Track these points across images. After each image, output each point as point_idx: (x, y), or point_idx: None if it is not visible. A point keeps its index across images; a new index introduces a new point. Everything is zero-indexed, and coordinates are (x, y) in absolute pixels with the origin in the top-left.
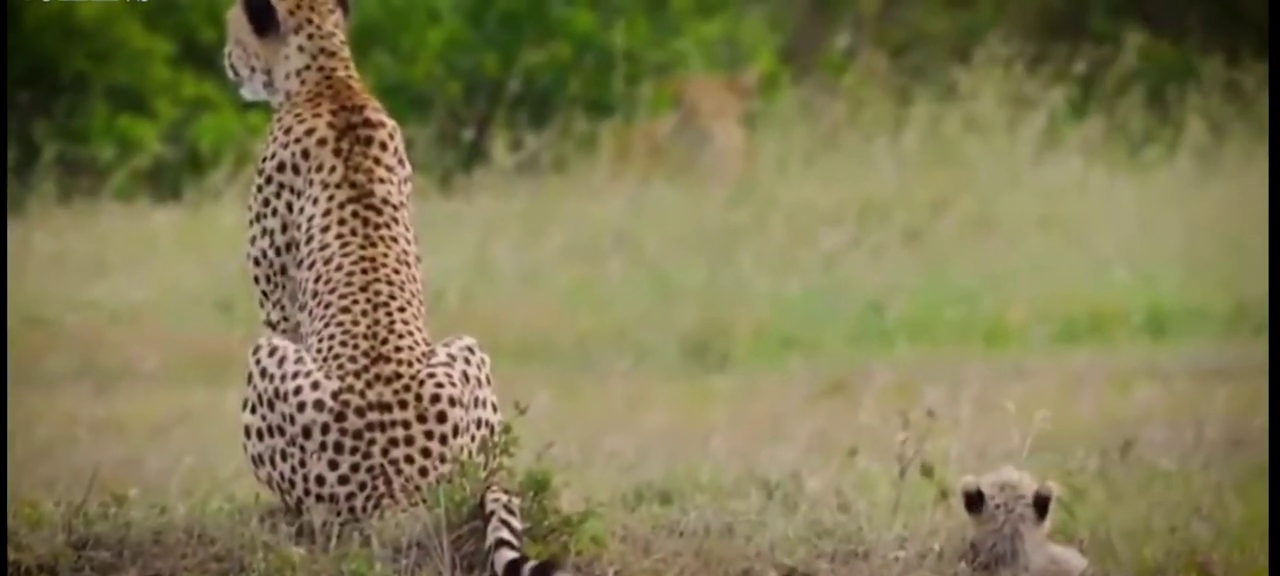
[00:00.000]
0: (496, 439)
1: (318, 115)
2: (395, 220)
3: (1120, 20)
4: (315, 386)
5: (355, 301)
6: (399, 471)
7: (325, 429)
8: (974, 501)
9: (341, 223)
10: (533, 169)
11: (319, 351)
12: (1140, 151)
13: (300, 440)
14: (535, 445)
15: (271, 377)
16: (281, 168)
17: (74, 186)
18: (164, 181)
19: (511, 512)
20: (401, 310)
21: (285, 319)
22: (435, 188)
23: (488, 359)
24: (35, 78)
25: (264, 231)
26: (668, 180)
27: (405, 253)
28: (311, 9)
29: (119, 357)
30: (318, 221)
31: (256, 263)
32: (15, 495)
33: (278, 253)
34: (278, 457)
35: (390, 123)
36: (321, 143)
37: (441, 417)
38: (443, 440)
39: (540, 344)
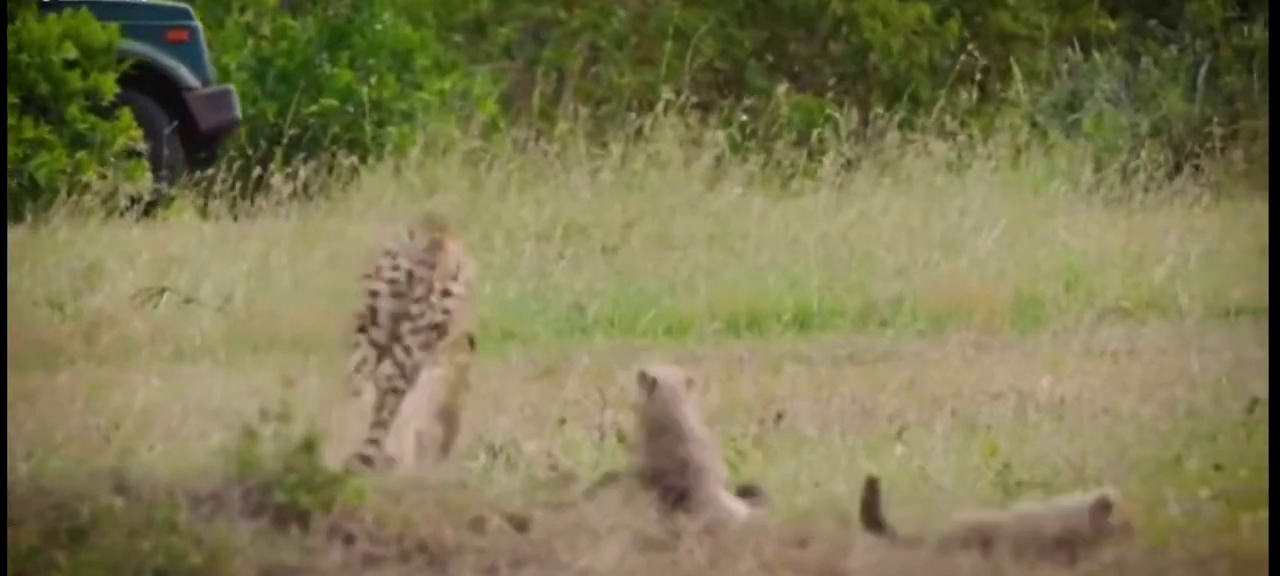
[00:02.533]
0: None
1: None
2: None
3: (773, 77)
4: None
5: None
6: None
7: None
8: (645, 380)
9: None
10: (303, 196)
11: None
12: (789, 183)
13: None
14: (308, 415)
15: None
16: None
17: None
18: (8, 205)
19: None
20: None
21: None
22: (226, 211)
23: None
24: None
25: None
26: (408, 205)
27: None
28: None
29: None
30: None
31: None
32: None
33: None
34: None
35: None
36: None
37: None
38: None
39: (309, 336)
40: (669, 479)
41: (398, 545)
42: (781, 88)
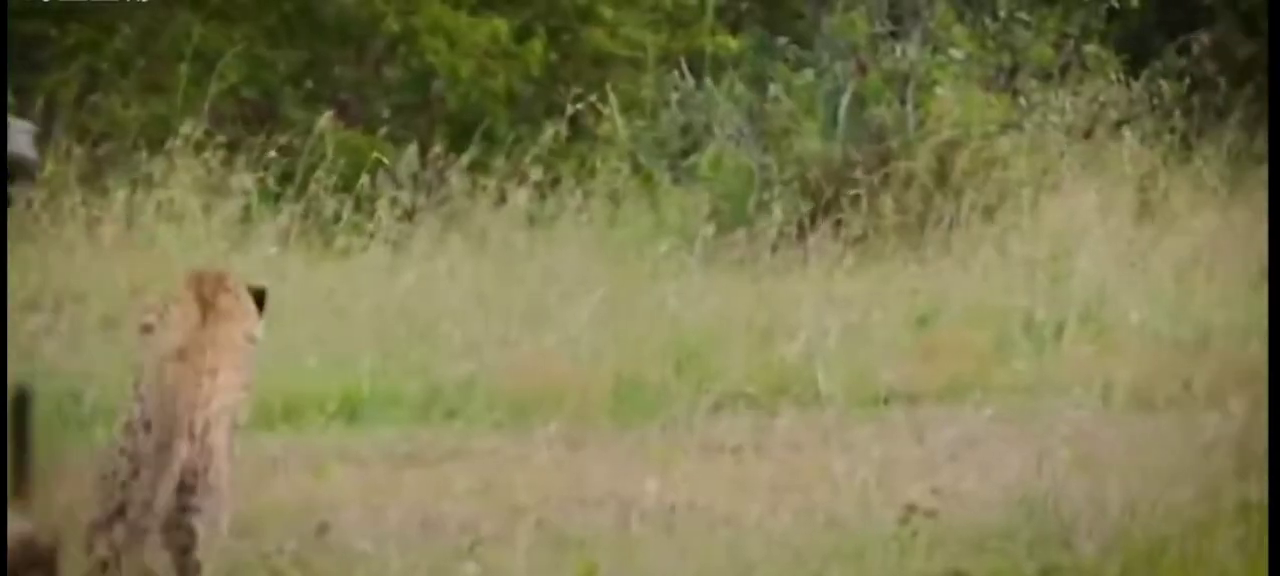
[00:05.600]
0: None
1: None
2: None
3: (314, 108)
4: None
5: None
6: None
7: None
8: None
9: None
10: None
11: None
12: (333, 239)
13: None
14: None
15: None
16: None
17: None
18: None
19: None
20: None
21: None
22: None
23: None
24: None
25: None
26: None
27: None
28: None
29: None
30: None
31: None
32: None
33: None
34: None
35: None
36: None
37: None
38: None
39: None
40: None
41: None
42: (324, 121)
